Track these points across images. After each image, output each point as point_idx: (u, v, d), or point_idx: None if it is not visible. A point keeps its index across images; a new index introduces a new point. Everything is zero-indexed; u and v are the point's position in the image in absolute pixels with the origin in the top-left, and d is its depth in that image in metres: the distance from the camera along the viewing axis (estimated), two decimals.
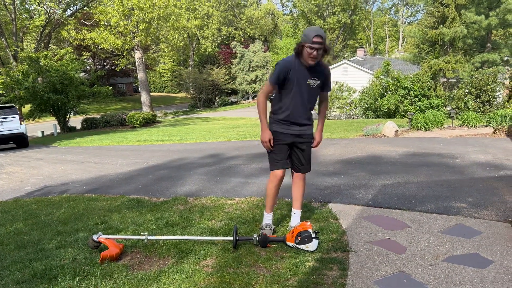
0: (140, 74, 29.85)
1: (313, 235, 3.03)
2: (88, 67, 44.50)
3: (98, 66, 49.11)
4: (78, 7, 35.82)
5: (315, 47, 2.99)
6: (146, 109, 29.30)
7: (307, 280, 2.60)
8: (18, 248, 3.55)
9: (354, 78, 23.45)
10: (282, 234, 3.41)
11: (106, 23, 28.75)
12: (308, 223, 3.13)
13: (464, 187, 4.72)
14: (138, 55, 28.99)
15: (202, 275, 2.72)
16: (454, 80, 19.43)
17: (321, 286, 2.54)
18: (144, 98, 30.01)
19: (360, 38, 63.38)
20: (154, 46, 39.92)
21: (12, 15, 31.13)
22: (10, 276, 2.92)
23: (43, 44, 33.66)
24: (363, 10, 58.39)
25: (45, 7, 31.09)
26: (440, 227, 3.47)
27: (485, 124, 11.34)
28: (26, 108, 24.16)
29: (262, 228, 3.44)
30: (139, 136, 16.15)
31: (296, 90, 3.20)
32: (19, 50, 29.23)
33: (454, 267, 2.73)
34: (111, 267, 2.92)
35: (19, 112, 15.23)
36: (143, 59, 29.77)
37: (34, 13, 33.42)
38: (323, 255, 2.97)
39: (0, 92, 23.78)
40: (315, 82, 3.21)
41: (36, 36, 34.73)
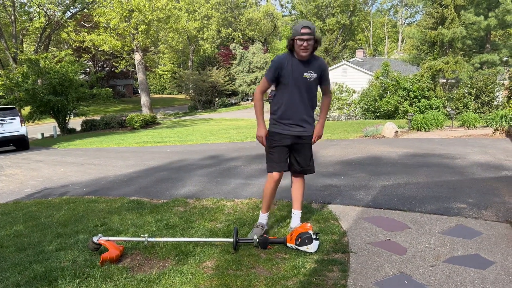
0: (140, 76, 29.86)
1: (313, 237, 3.03)
2: (87, 69, 44.48)
3: (97, 68, 49.13)
4: (77, 9, 35.91)
5: (304, 38, 3.05)
6: (145, 110, 29.30)
7: (307, 282, 2.59)
8: (18, 250, 3.55)
9: (353, 79, 23.48)
10: (282, 235, 3.41)
11: (105, 25, 28.76)
12: (309, 225, 3.12)
13: (464, 188, 4.72)
14: (137, 56, 29.01)
15: (202, 277, 2.72)
16: (453, 80, 19.44)
17: (321, 287, 2.54)
18: (143, 99, 30.02)
19: (360, 39, 63.46)
20: (153, 47, 39.94)
21: (12, 17, 31.18)
22: (10, 278, 2.92)
23: (42, 46, 33.71)
24: (362, 11, 58.48)
25: (44, 9, 31.16)
26: (441, 228, 3.47)
27: (484, 124, 11.34)
28: (26, 110, 24.16)
29: (255, 226, 3.45)
30: (138, 137, 16.14)
31: (293, 86, 3.20)
32: (18, 52, 29.27)
33: (455, 268, 2.73)
34: (111, 269, 2.91)
35: (19, 114, 14.86)
36: (142, 61, 29.78)
37: (33, 15, 33.47)
38: (323, 257, 2.97)
39: (0, 94, 23.78)
40: (311, 76, 3.21)
41: (35, 38, 34.78)
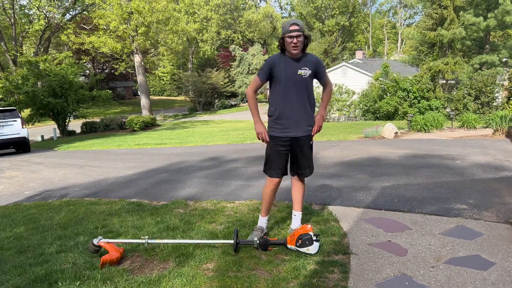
0: (140, 78, 29.88)
1: (314, 238, 3.02)
2: (87, 71, 44.56)
3: (97, 70, 49.17)
4: (77, 11, 35.98)
5: (293, 34, 3.08)
6: (145, 112, 29.31)
7: (308, 283, 2.59)
8: (18, 252, 3.54)
9: (353, 80, 23.48)
10: (283, 237, 3.40)
11: (105, 27, 28.79)
12: (309, 226, 3.12)
13: (465, 189, 4.72)
14: (137, 58, 29.04)
15: (203, 279, 2.71)
16: (453, 81, 19.45)
17: None
18: (143, 101, 30.03)
19: (359, 41, 63.54)
20: (153, 49, 39.99)
21: (12, 20, 31.23)
22: (10, 281, 2.91)
23: (42, 49, 33.75)
24: (361, 12, 58.56)
25: (44, 11, 31.19)
26: (441, 229, 3.47)
27: (484, 125, 11.35)
28: (26, 112, 24.17)
29: (254, 230, 3.44)
30: (138, 139, 16.14)
31: (287, 84, 3.20)
32: (18, 54, 29.30)
33: (455, 269, 2.72)
34: (112, 271, 2.91)
35: (20, 116, 14.51)
36: (142, 63, 29.81)
37: (33, 17, 33.54)
38: (324, 258, 2.96)
39: (0, 96, 23.78)
40: (306, 72, 3.21)
41: (35, 41, 34.82)
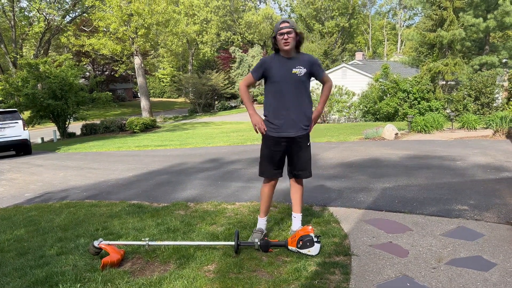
0: (140, 80, 29.91)
1: (314, 239, 3.02)
2: (87, 73, 44.63)
3: (97, 72, 49.21)
4: (77, 13, 36.03)
5: (283, 31, 3.12)
6: (145, 114, 29.33)
7: (309, 285, 2.58)
8: (18, 255, 3.54)
9: (353, 81, 23.48)
10: (283, 238, 3.40)
11: (105, 29, 28.85)
12: (310, 227, 3.11)
13: (465, 190, 4.71)
14: (137, 60, 29.07)
15: (204, 281, 2.71)
16: (453, 82, 19.45)
17: None
18: (143, 103, 30.05)
19: (359, 42, 63.57)
20: (153, 51, 40.05)
21: (12, 22, 31.28)
22: (11, 283, 2.90)
23: (42, 51, 33.78)
24: (361, 14, 58.60)
25: (44, 14, 31.24)
26: (442, 230, 3.46)
27: (484, 126, 11.34)
28: (26, 114, 24.18)
29: (254, 232, 3.44)
30: (139, 141, 16.14)
31: (282, 83, 3.20)
32: (18, 56, 29.34)
33: (457, 270, 2.72)
34: (112, 273, 2.90)
35: (22, 117, 14.25)
36: (142, 65, 29.84)
37: (33, 19, 33.58)
38: (325, 259, 2.96)
39: (0, 98, 23.81)
40: (301, 71, 3.21)
41: (35, 43, 34.86)
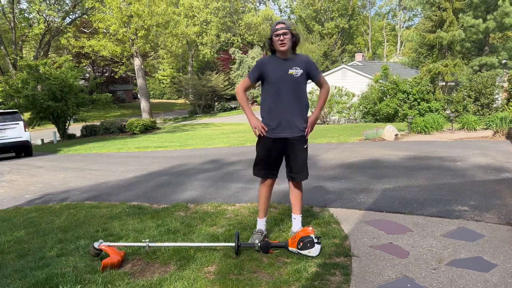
0: (139, 81, 29.92)
1: (315, 240, 3.02)
2: (87, 75, 44.65)
3: (97, 73, 49.23)
4: (77, 15, 36.10)
5: (279, 32, 3.13)
6: (145, 115, 29.33)
7: (310, 286, 2.58)
8: (18, 256, 3.53)
9: (353, 82, 23.49)
10: (284, 239, 3.40)
11: (105, 31, 28.87)
12: (310, 228, 3.11)
13: (466, 190, 4.71)
14: (137, 62, 29.09)
15: (204, 282, 2.70)
16: (453, 83, 19.46)
17: None
18: (143, 104, 30.06)
19: (359, 43, 63.61)
20: (153, 53, 40.05)
21: (11, 24, 31.32)
22: (11, 285, 2.90)
23: (42, 52, 33.83)
24: (361, 15, 58.70)
25: (44, 15, 31.28)
26: (443, 231, 3.46)
27: (484, 127, 11.35)
28: (26, 116, 24.18)
29: (254, 233, 3.43)
30: (139, 142, 16.14)
31: (279, 84, 3.20)
32: (18, 58, 29.38)
33: (457, 271, 2.71)
34: (113, 275, 2.90)
35: (23, 119, 14.05)
36: (142, 66, 29.86)
37: (33, 21, 33.64)
38: (325, 260, 2.95)
39: (0, 100, 23.81)
40: (297, 71, 3.21)
41: (35, 44, 34.91)
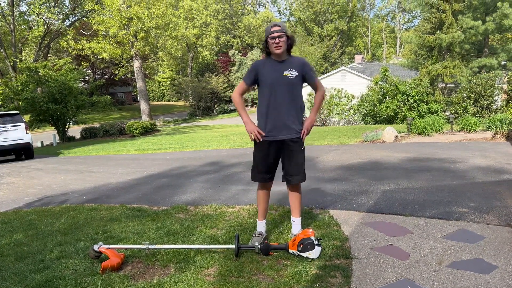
0: (139, 83, 29.94)
1: (315, 242, 3.01)
2: (87, 77, 44.66)
3: (97, 76, 49.30)
4: (76, 17, 36.13)
5: (274, 35, 3.12)
6: (145, 118, 29.34)
7: None
8: (18, 259, 3.52)
9: (352, 84, 23.52)
10: (284, 241, 3.39)
11: (104, 33, 28.90)
12: (310, 230, 3.11)
13: (466, 192, 4.71)
14: (137, 64, 29.11)
15: (204, 284, 2.70)
16: (452, 85, 19.49)
17: None
18: (143, 107, 30.07)
19: (358, 45, 63.71)
20: (152, 55, 40.11)
21: (11, 26, 31.35)
22: (11, 287, 2.89)
23: (42, 55, 33.86)
24: (360, 17, 58.78)
25: (44, 18, 31.31)
26: (443, 233, 3.45)
27: (484, 128, 11.35)
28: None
29: (254, 235, 3.43)
30: (138, 145, 16.14)
31: (274, 86, 3.19)
32: (18, 60, 29.36)
33: (458, 272, 2.71)
34: (112, 277, 2.89)
35: (24, 120, 13.80)
36: (142, 68, 29.88)
37: (33, 24, 33.67)
38: (326, 263, 2.95)
39: (0, 102, 23.81)
40: (292, 73, 3.21)
41: (35, 47, 34.94)
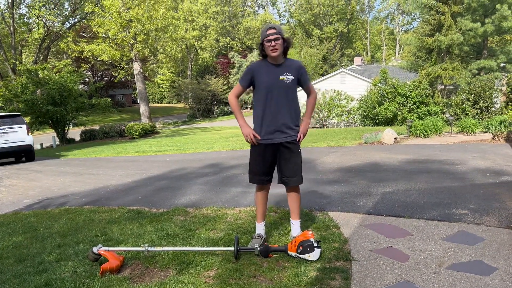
0: (139, 85, 29.95)
1: (315, 244, 3.01)
2: (86, 79, 44.71)
3: (96, 78, 49.30)
4: (76, 19, 36.16)
5: (270, 38, 3.11)
6: (145, 120, 29.34)
7: None
8: (17, 261, 3.52)
9: (352, 86, 23.53)
10: (283, 243, 3.39)
11: (104, 35, 28.94)
12: (310, 232, 3.10)
13: (465, 194, 4.71)
14: (136, 66, 29.13)
15: (203, 287, 2.69)
16: (451, 87, 19.51)
17: None
18: (142, 109, 30.07)
19: (357, 47, 63.78)
20: (152, 57, 40.15)
21: (11, 29, 31.36)
22: None
23: (41, 57, 33.86)
24: (359, 19, 58.83)
25: (44, 20, 31.34)
26: (443, 234, 3.45)
27: (484, 130, 11.35)
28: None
29: (253, 237, 3.42)
30: (138, 147, 16.13)
31: (270, 90, 3.20)
32: (17, 63, 29.39)
33: (458, 274, 2.71)
34: (112, 280, 2.89)
35: (25, 122, 13.65)
36: (141, 70, 29.90)
37: (32, 26, 33.68)
38: (325, 265, 2.94)
39: None
40: (288, 77, 3.21)
41: (34, 49, 34.96)
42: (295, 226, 3.47)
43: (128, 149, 15.43)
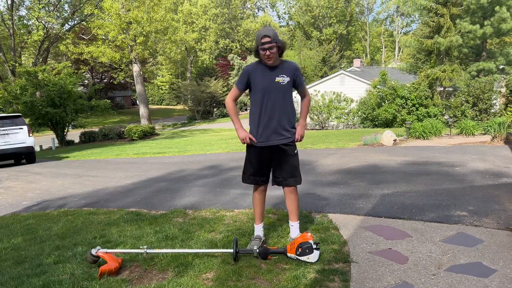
0: (138, 87, 29.96)
1: (314, 246, 3.00)
2: (86, 81, 44.74)
3: (96, 80, 49.33)
4: (76, 21, 36.17)
5: (265, 47, 3.10)
6: (144, 121, 29.33)
7: None
8: (15, 263, 3.51)
9: (351, 88, 23.56)
10: (282, 245, 3.38)
11: (104, 37, 28.96)
12: (309, 234, 3.10)
13: (465, 196, 4.71)
14: (136, 68, 29.14)
15: None
16: (451, 88, 19.54)
17: None
18: (142, 111, 30.07)
19: (357, 49, 63.90)
20: (152, 59, 40.18)
21: (10, 31, 31.37)
22: None
23: (41, 59, 33.86)
24: (358, 21, 59.00)
25: (43, 22, 31.35)
26: (442, 236, 3.45)
27: (483, 132, 11.36)
28: None
29: (252, 239, 3.42)
30: (137, 149, 16.13)
31: (266, 92, 3.20)
32: (17, 65, 29.38)
33: (457, 276, 2.70)
34: (110, 282, 2.88)
35: (26, 123, 13.50)
36: (141, 72, 29.90)
37: (32, 28, 33.70)
38: (324, 266, 2.94)
39: None
40: (284, 79, 3.21)
41: (34, 51, 34.96)
42: (294, 227, 3.47)
43: (127, 151, 15.42)
